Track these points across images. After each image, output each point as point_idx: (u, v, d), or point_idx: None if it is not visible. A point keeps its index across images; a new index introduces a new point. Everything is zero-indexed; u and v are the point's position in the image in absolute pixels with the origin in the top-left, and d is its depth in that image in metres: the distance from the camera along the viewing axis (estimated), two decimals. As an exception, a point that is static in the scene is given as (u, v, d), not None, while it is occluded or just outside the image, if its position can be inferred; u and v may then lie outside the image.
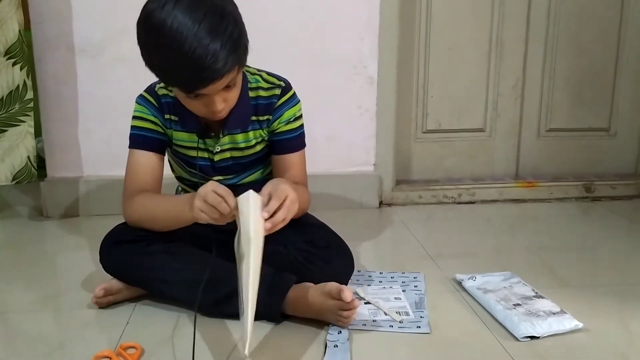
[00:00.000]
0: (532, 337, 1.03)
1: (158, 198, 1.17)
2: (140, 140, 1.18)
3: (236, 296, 1.07)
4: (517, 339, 1.03)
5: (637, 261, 1.46)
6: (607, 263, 1.45)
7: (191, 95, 1.03)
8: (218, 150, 1.19)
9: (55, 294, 1.25)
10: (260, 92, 1.19)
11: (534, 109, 2.06)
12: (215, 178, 1.21)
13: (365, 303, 1.16)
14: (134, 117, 1.19)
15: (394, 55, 1.83)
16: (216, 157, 1.20)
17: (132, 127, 1.19)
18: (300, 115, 1.24)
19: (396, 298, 1.18)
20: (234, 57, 0.98)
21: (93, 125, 1.77)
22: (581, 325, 1.06)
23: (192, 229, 1.12)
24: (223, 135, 1.18)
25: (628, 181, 2.05)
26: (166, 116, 1.18)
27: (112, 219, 1.23)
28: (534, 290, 1.20)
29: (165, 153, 1.23)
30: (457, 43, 1.95)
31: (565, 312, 1.09)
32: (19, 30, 1.63)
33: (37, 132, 1.77)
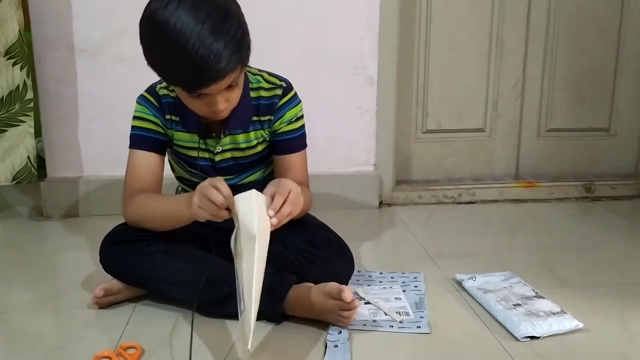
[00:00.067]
0: (532, 337, 1.03)
1: (157, 198, 1.17)
2: (140, 140, 1.18)
3: (237, 296, 1.07)
4: (517, 339, 1.03)
5: (637, 261, 1.46)
6: (607, 263, 1.45)
7: (193, 95, 1.02)
8: (219, 150, 1.19)
9: (55, 294, 1.25)
10: (262, 93, 1.19)
11: (534, 109, 2.06)
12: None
13: (365, 303, 1.16)
14: (135, 117, 1.19)
15: (394, 55, 1.83)
16: (217, 158, 1.20)
17: (133, 127, 1.19)
18: (302, 116, 1.24)
19: (396, 298, 1.18)
20: (237, 56, 0.98)
21: (93, 125, 1.77)
22: (581, 325, 1.06)
23: (192, 229, 1.12)
24: (224, 135, 1.18)
25: (628, 181, 2.05)
26: (167, 116, 1.18)
27: (112, 219, 1.23)
28: (534, 290, 1.20)
29: (166, 153, 1.22)
30: (457, 43, 1.95)
31: (565, 312, 1.09)
32: (19, 30, 1.63)
33: (37, 132, 1.77)
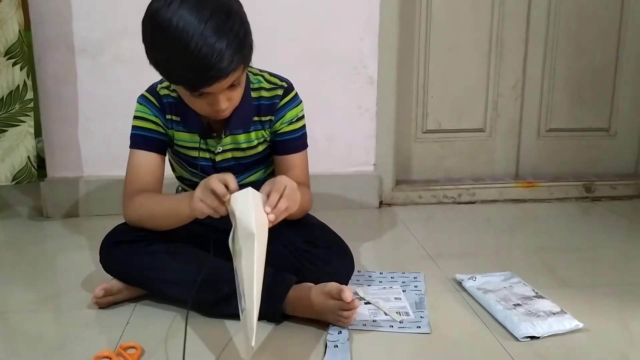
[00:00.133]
0: (532, 337, 1.03)
1: (157, 197, 1.16)
2: (141, 140, 1.18)
3: (237, 296, 1.07)
4: (517, 339, 1.03)
5: (637, 261, 1.46)
6: (607, 263, 1.45)
7: (195, 94, 1.02)
8: (220, 150, 1.19)
9: (55, 294, 1.25)
10: (263, 93, 1.19)
11: (534, 109, 2.06)
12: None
13: (365, 303, 1.16)
14: (135, 117, 1.19)
15: (394, 55, 1.83)
16: (218, 158, 1.20)
17: (133, 127, 1.19)
18: (303, 116, 1.24)
19: (396, 298, 1.18)
20: (240, 56, 0.98)
21: (93, 125, 1.77)
22: (581, 325, 1.06)
23: (192, 229, 1.12)
24: (225, 135, 1.18)
25: (628, 181, 2.05)
26: (168, 116, 1.18)
27: (112, 219, 1.23)
28: (534, 290, 1.20)
29: (166, 153, 1.22)
30: (457, 43, 1.95)
31: (566, 312, 1.09)
32: (19, 30, 1.63)
33: (37, 132, 1.77)
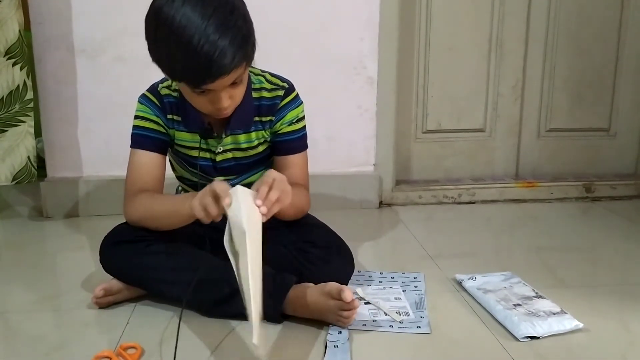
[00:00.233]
0: (532, 337, 1.03)
1: (159, 197, 1.17)
2: (142, 140, 1.18)
3: (237, 296, 1.07)
4: (517, 339, 1.03)
5: (637, 261, 1.46)
6: (607, 263, 1.45)
7: (197, 91, 1.02)
8: (220, 150, 1.19)
9: (55, 294, 1.25)
10: (264, 93, 1.19)
11: (534, 109, 2.06)
12: (216, 178, 1.21)
13: (365, 303, 1.16)
14: (137, 117, 1.19)
15: (394, 55, 1.83)
16: (218, 158, 1.20)
17: (134, 126, 1.19)
18: (303, 117, 1.24)
19: (396, 298, 1.18)
20: (242, 53, 0.98)
21: (93, 125, 1.77)
22: (581, 325, 1.06)
23: (192, 230, 1.12)
24: (225, 135, 1.18)
25: (628, 181, 2.05)
26: (169, 116, 1.18)
27: (112, 219, 1.23)
28: (534, 290, 1.20)
29: (167, 153, 1.22)
30: (457, 43, 1.95)
31: (566, 312, 1.09)
32: (19, 31, 1.63)
33: (37, 132, 1.77)
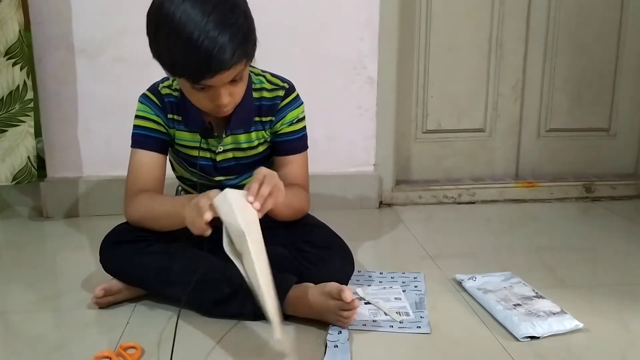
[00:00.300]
0: (532, 337, 1.03)
1: (159, 198, 1.16)
2: (142, 139, 1.18)
3: (237, 296, 1.07)
4: (517, 339, 1.03)
5: (637, 261, 1.46)
6: (607, 263, 1.45)
7: (197, 87, 1.02)
8: (220, 150, 1.19)
9: (55, 294, 1.25)
10: (264, 93, 1.19)
11: (534, 109, 2.06)
12: (216, 178, 1.22)
13: (365, 303, 1.16)
14: (137, 117, 1.19)
15: (394, 55, 1.83)
16: (218, 157, 1.20)
17: (135, 126, 1.19)
18: (303, 117, 1.23)
19: (396, 298, 1.18)
20: (242, 50, 0.98)
21: (93, 125, 1.77)
22: (581, 325, 1.06)
23: (192, 230, 1.12)
24: (226, 135, 1.18)
25: (628, 181, 2.05)
26: (169, 116, 1.18)
27: (112, 219, 1.23)
28: (534, 290, 1.20)
29: (168, 153, 1.22)
30: (457, 43, 1.95)
31: (566, 312, 1.09)
32: (19, 31, 1.63)
33: (37, 132, 1.77)
